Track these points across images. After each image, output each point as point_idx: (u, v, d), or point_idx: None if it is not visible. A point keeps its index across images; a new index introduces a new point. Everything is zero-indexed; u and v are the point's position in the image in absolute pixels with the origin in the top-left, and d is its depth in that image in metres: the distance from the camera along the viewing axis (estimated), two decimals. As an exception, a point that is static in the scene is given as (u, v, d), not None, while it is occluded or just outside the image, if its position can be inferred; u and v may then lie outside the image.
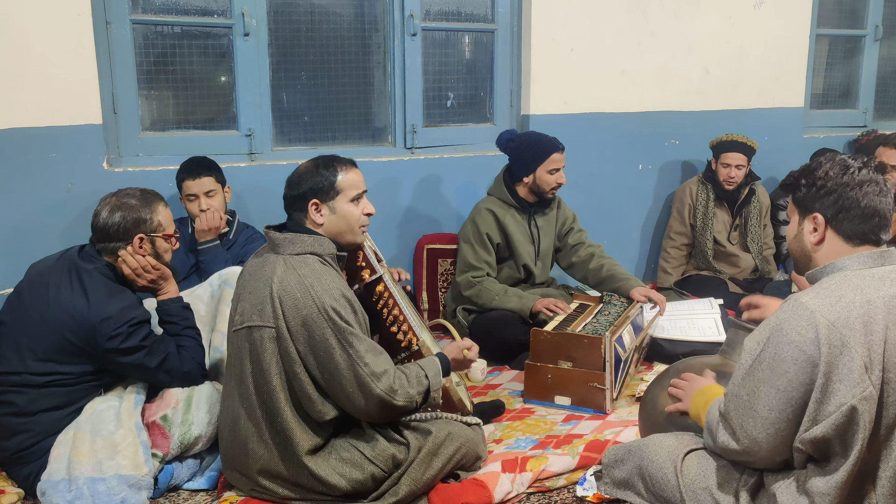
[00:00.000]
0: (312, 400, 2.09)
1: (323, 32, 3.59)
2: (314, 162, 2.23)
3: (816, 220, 1.75)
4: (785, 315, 1.66)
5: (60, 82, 2.98)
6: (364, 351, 2.06)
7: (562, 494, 2.32)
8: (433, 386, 2.19)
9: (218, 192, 3.07)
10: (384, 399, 2.07)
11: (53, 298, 2.24)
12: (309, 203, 2.17)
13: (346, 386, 2.05)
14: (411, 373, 2.17)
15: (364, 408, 2.09)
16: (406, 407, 2.13)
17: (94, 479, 2.12)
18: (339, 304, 2.05)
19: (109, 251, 2.33)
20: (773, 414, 1.65)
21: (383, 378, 2.07)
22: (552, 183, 3.32)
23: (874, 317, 1.61)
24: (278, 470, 2.12)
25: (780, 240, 4.26)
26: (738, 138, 3.96)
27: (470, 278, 3.33)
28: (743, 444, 1.71)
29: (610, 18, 3.99)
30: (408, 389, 2.12)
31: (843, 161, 1.75)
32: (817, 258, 1.77)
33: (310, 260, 2.11)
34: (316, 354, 2.05)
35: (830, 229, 1.74)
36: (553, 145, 3.30)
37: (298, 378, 2.07)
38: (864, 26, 4.90)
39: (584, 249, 3.48)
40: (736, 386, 1.72)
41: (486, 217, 3.36)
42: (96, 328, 2.19)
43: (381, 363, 2.09)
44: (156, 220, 2.35)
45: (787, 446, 1.69)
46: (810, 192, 1.76)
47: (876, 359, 1.60)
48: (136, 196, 2.36)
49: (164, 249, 2.39)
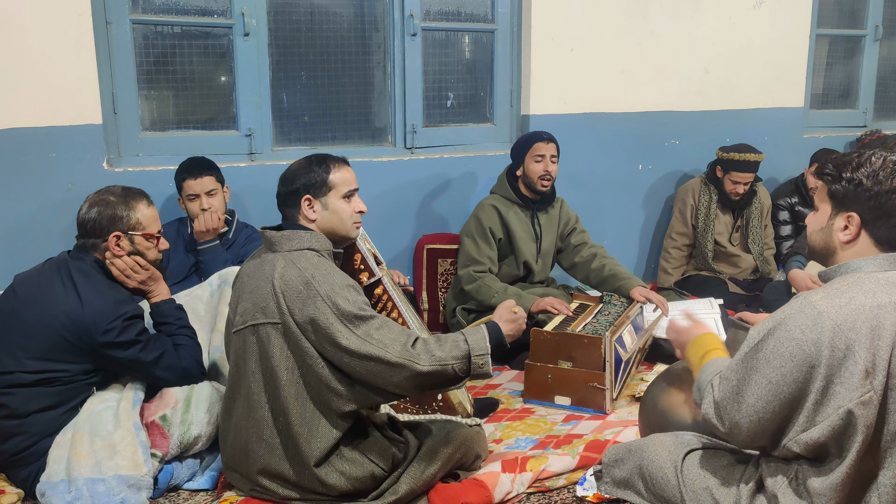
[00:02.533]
0: (332, 390, 2.06)
1: (323, 32, 3.59)
2: (307, 159, 2.25)
3: (851, 219, 1.68)
4: (792, 311, 1.64)
5: (60, 82, 2.99)
6: (375, 329, 2.03)
7: (562, 494, 2.32)
8: (475, 350, 2.03)
9: (218, 192, 3.08)
10: (405, 365, 1.99)
11: (46, 297, 2.23)
12: (302, 199, 2.18)
13: (362, 367, 2.02)
14: (446, 338, 2.07)
15: (393, 381, 2.02)
16: (437, 372, 2.01)
17: (93, 480, 2.11)
18: (342, 290, 2.04)
19: (92, 247, 2.31)
20: (759, 403, 1.65)
21: (395, 345, 2.01)
22: (539, 171, 3.37)
23: (883, 321, 1.58)
24: (279, 470, 2.11)
25: (781, 240, 4.26)
26: (750, 157, 3.89)
27: (472, 272, 3.34)
28: (725, 425, 1.71)
29: (610, 18, 3.99)
30: (434, 352, 2.02)
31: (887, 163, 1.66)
32: (841, 256, 1.71)
33: (308, 254, 2.11)
34: (326, 344, 2.03)
35: (865, 232, 1.68)
36: (537, 135, 3.43)
37: (313, 370, 2.05)
38: (864, 26, 4.90)
39: (587, 250, 3.50)
40: (730, 370, 1.72)
41: (490, 212, 3.40)
42: (90, 324, 2.18)
43: (394, 334, 2.03)
44: (134, 218, 2.31)
45: (767, 435, 1.69)
46: (851, 189, 1.67)
47: (881, 364, 1.58)
48: (117, 193, 2.33)
49: (145, 248, 2.34)
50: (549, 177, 3.38)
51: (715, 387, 1.76)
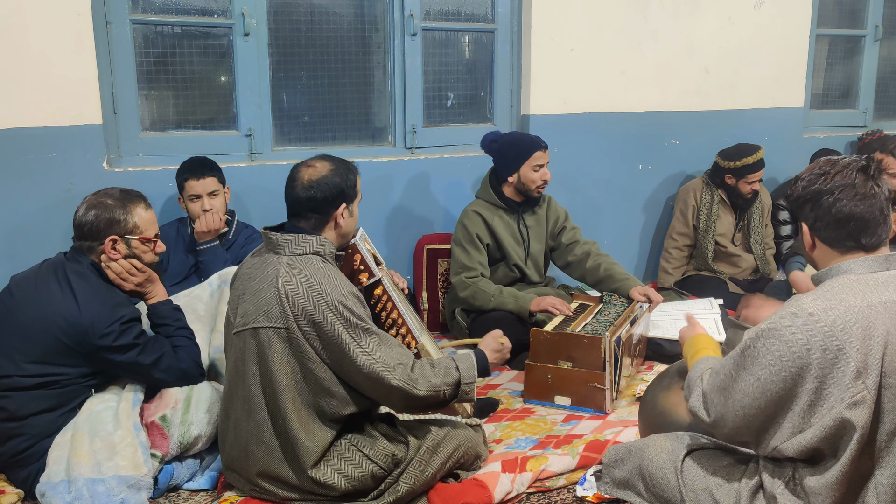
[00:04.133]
0: (332, 393, 2.08)
1: (323, 32, 3.59)
2: (339, 163, 2.21)
3: (804, 228, 1.79)
4: (784, 313, 1.67)
5: (60, 82, 2.99)
6: (377, 345, 2.06)
7: (562, 494, 2.33)
8: (465, 379, 2.16)
9: (220, 193, 3.08)
10: (404, 389, 2.07)
11: (43, 299, 2.22)
12: (340, 205, 2.18)
13: (363, 380, 2.06)
14: (440, 364, 2.16)
15: (387, 398, 2.11)
16: (430, 397, 2.12)
17: (93, 480, 2.11)
18: (348, 300, 2.05)
19: (88, 250, 2.30)
20: (746, 399, 1.69)
21: (399, 369, 2.07)
22: (537, 180, 3.33)
23: (874, 321, 1.60)
24: (278, 472, 2.12)
25: (781, 239, 4.26)
26: (759, 155, 3.90)
27: (464, 279, 3.32)
28: (710, 416, 1.77)
29: (610, 18, 3.99)
30: (430, 379, 2.11)
31: (822, 166, 1.75)
32: (819, 263, 1.79)
33: (313, 259, 2.11)
34: (330, 352, 2.05)
35: (816, 238, 1.77)
36: (535, 143, 3.33)
37: (315, 374, 2.06)
38: (864, 26, 4.90)
39: (580, 248, 3.47)
40: (721, 365, 1.77)
41: (475, 219, 3.37)
42: (87, 327, 2.17)
43: (396, 354, 2.09)
44: (131, 222, 2.30)
45: (752, 432, 1.72)
46: (798, 202, 1.78)
47: (873, 363, 1.59)
48: (115, 196, 2.31)
49: (141, 252, 2.34)
50: (546, 184, 3.37)
51: (704, 380, 1.82)
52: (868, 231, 1.70)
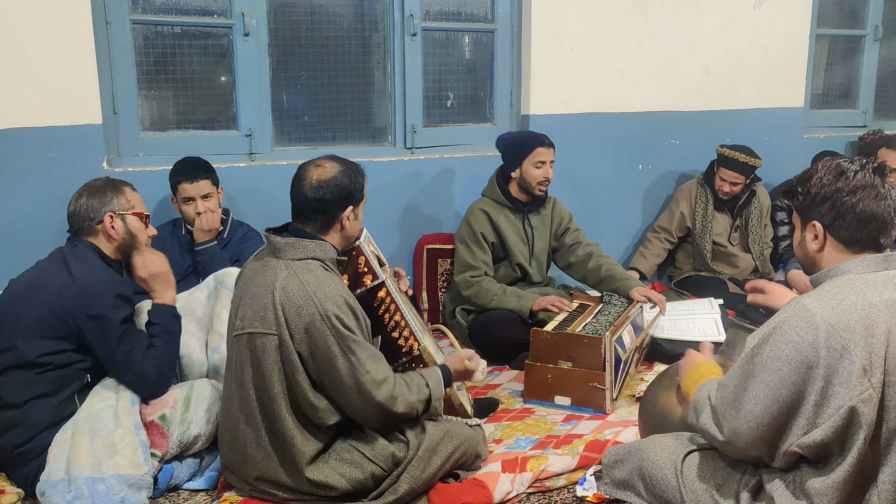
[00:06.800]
0: (315, 406, 2.08)
1: (323, 32, 3.59)
2: (348, 165, 2.19)
3: (815, 227, 1.76)
4: (786, 315, 1.67)
5: (60, 82, 2.99)
6: (366, 358, 2.06)
7: (562, 494, 2.33)
8: (434, 395, 2.20)
9: (214, 195, 3.07)
10: (384, 406, 2.07)
11: (41, 283, 2.27)
12: (347, 208, 2.16)
13: (347, 392, 2.06)
14: (413, 381, 2.17)
15: (364, 413, 2.10)
16: (406, 414, 2.13)
17: (93, 479, 2.12)
18: (341, 311, 2.04)
19: (88, 231, 2.36)
20: (758, 408, 1.67)
21: (384, 385, 2.07)
22: (538, 177, 3.33)
23: (876, 320, 1.61)
24: (277, 477, 2.12)
25: (779, 239, 4.26)
26: (741, 157, 3.85)
27: (468, 278, 3.33)
28: (724, 433, 1.74)
29: (610, 18, 3.99)
30: (408, 397, 2.12)
31: (839, 166, 1.74)
32: (821, 264, 1.78)
33: (312, 265, 2.09)
34: (317, 361, 2.04)
35: (830, 236, 1.74)
36: (538, 139, 3.34)
37: (300, 385, 2.06)
38: (864, 26, 4.90)
39: (582, 249, 3.48)
40: (728, 378, 1.75)
41: (480, 217, 3.38)
42: (79, 294, 2.21)
43: (382, 370, 2.09)
44: (123, 199, 2.40)
45: (766, 442, 1.70)
46: (806, 200, 1.76)
47: (877, 361, 1.60)
48: (102, 180, 2.44)
49: (137, 229, 2.41)
50: (548, 182, 3.37)
51: (712, 396, 1.78)
52: (885, 231, 1.71)
